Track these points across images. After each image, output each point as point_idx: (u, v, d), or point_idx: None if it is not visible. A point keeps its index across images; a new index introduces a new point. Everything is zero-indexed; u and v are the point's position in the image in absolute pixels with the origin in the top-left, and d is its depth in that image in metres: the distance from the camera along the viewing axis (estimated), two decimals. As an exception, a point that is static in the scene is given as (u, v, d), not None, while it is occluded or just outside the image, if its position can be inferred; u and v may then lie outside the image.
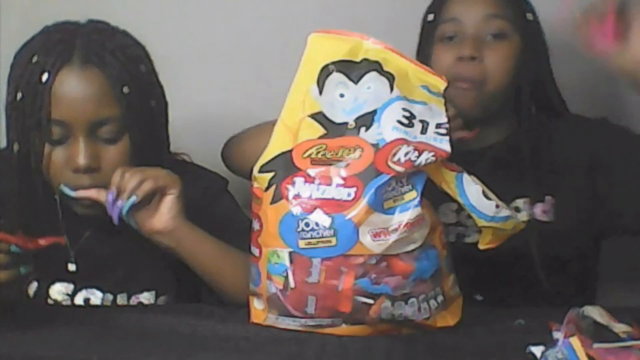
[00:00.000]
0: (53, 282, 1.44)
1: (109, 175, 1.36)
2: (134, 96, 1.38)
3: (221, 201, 1.51)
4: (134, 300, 1.46)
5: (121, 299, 1.45)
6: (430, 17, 1.61)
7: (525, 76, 1.58)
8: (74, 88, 1.36)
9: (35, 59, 1.38)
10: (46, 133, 1.35)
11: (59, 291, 1.44)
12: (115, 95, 1.37)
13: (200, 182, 1.51)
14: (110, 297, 1.45)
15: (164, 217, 1.35)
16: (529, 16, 1.61)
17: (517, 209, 1.55)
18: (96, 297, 1.45)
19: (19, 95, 1.37)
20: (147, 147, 1.41)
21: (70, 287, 1.44)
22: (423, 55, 1.61)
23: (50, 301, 1.45)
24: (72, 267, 1.42)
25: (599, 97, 1.88)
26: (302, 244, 1.22)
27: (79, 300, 1.45)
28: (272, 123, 1.31)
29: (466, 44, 1.55)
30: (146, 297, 1.45)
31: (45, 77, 1.35)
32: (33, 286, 1.44)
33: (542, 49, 1.63)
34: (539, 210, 1.58)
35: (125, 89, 1.37)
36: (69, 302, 1.45)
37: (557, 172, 1.58)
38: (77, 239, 1.45)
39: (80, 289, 1.44)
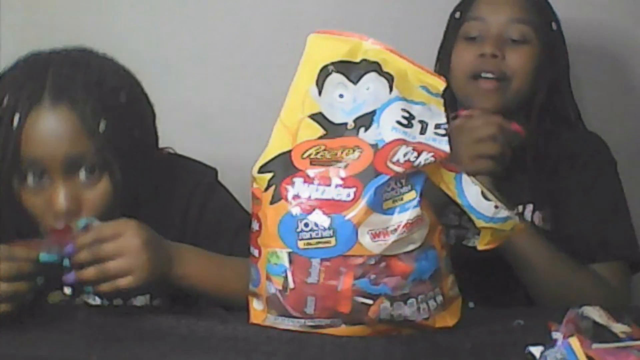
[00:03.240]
0: (51, 291, 1.44)
1: (87, 211, 1.33)
2: (112, 130, 1.33)
3: (213, 199, 1.49)
4: (129, 304, 1.45)
5: (117, 304, 1.45)
6: (457, 14, 1.64)
7: (543, 83, 1.60)
8: (45, 129, 1.31)
9: (6, 100, 1.33)
10: (21, 176, 1.32)
11: (57, 297, 1.44)
12: (89, 133, 1.32)
13: (190, 180, 1.49)
14: (106, 302, 1.44)
15: (130, 264, 1.28)
16: (554, 26, 1.63)
17: (518, 214, 1.57)
18: (95, 301, 1.44)
19: None
20: (131, 178, 1.36)
21: (67, 295, 1.44)
22: (445, 51, 1.64)
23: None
24: (67, 290, 1.34)
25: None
26: (301, 244, 1.22)
27: None
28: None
29: (488, 42, 1.58)
30: (141, 301, 1.45)
31: (16, 120, 1.31)
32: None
33: (562, 60, 1.65)
34: (537, 218, 1.59)
35: (101, 126, 1.32)
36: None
37: (561, 183, 1.58)
38: None
39: (77, 295, 1.44)
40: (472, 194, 1.26)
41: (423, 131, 1.26)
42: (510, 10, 1.60)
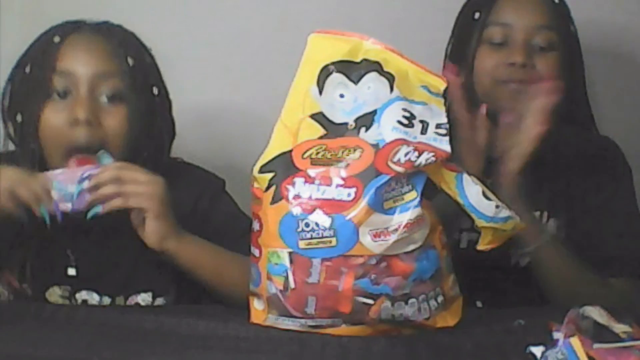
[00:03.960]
0: (51, 286, 1.44)
1: (105, 134, 1.39)
2: (136, 70, 1.43)
3: (219, 205, 1.51)
4: (130, 302, 1.45)
5: (118, 301, 1.45)
6: (476, 15, 1.60)
7: (564, 87, 1.57)
8: (81, 46, 1.43)
9: (48, 34, 1.45)
10: (48, 84, 1.40)
11: (56, 294, 1.44)
12: (119, 59, 1.43)
13: (197, 186, 1.51)
14: (107, 299, 1.45)
15: (150, 238, 1.35)
16: (572, 28, 1.62)
17: None
18: (93, 299, 1.44)
19: (28, 67, 1.42)
20: (145, 126, 1.43)
21: (67, 290, 1.44)
22: (462, 52, 1.60)
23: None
24: (72, 271, 1.42)
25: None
26: (302, 244, 1.22)
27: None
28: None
29: (517, 51, 1.55)
30: (143, 298, 1.45)
31: (56, 39, 1.42)
32: (29, 288, 1.44)
33: (580, 62, 1.64)
34: (553, 225, 1.58)
35: (130, 60, 1.43)
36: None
37: (577, 190, 1.57)
38: (77, 242, 1.44)
39: (77, 291, 1.44)
40: (472, 193, 1.26)
41: (424, 131, 1.26)
42: (535, 16, 1.57)
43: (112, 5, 1.85)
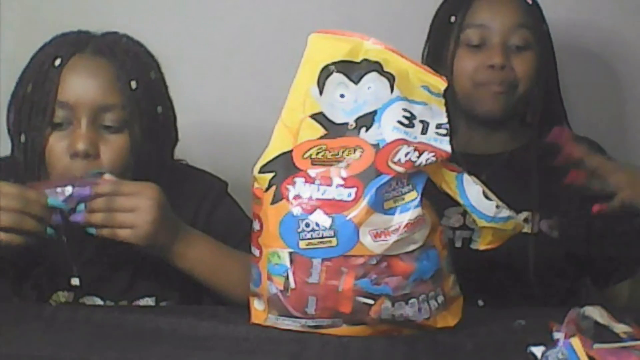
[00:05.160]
0: (54, 292, 1.44)
1: (106, 165, 1.37)
2: (140, 94, 1.40)
3: (222, 208, 1.50)
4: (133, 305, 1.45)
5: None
6: (452, 19, 1.61)
7: (541, 87, 1.59)
8: (82, 73, 1.39)
9: (50, 50, 1.41)
10: (50, 114, 1.37)
11: (59, 300, 1.43)
12: (121, 86, 1.39)
13: (200, 189, 1.51)
14: (111, 304, 1.44)
15: (136, 220, 1.32)
16: (545, 28, 1.62)
17: (525, 220, 1.57)
18: (96, 304, 1.44)
19: (30, 87, 1.39)
20: (148, 148, 1.41)
21: (70, 296, 1.44)
22: (439, 55, 1.62)
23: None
24: (75, 281, 1.40)
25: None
26: (302, 244, 1.22)
27: None
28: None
29: (496, 53, 1.57)
30: (146, 303, 1.45)
31: (57, 62, 1.38)
32: (32, 295, 1.44)
33: (553, 61, 1.65)
34: (545, 225, 1.58)
35: (133, 84, 1.39)
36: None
37: (566, 189, 1.57)
38: (80, 251, 1.44)
39: (80, 297, 1.44)
40: (473, 193, 1.26)
41: (424, 131, 1.26)
42: (510, 15, 1.59)
43: (112, 6, 1.85)
